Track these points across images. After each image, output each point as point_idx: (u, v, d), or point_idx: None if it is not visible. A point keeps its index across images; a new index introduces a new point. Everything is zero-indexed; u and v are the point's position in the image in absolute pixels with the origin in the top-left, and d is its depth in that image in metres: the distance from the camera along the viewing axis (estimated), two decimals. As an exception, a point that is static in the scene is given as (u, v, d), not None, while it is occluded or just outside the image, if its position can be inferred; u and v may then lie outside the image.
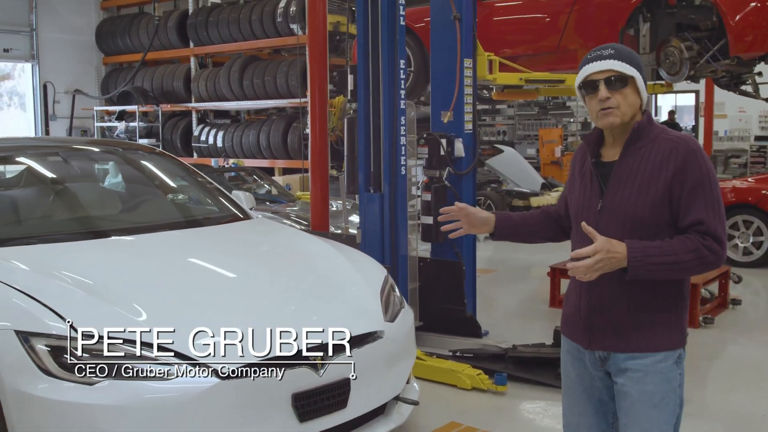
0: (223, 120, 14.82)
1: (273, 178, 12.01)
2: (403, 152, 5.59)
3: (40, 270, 3.66)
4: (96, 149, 5.54)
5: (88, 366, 3.11)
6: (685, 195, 2.42)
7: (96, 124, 15.66)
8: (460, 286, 5.85)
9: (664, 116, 21.86)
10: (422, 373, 5.16)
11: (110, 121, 15.51)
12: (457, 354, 5.45)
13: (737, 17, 5.78)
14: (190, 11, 14.27)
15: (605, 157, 2.58)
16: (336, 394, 3.48)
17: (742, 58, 5.94)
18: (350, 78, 6.02)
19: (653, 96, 19.51)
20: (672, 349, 2.52)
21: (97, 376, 3.09)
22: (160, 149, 5.82)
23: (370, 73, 5.56)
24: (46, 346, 3.14)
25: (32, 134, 15.43)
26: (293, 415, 3.32)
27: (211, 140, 13.99)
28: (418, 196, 6.15)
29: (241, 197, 5.31)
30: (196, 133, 14.37)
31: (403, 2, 5.51)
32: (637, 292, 2.49)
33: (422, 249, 6.48)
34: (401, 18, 5.50)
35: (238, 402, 3.20)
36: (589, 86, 2.48)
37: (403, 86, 5.56)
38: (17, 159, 4.92)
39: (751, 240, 8.94)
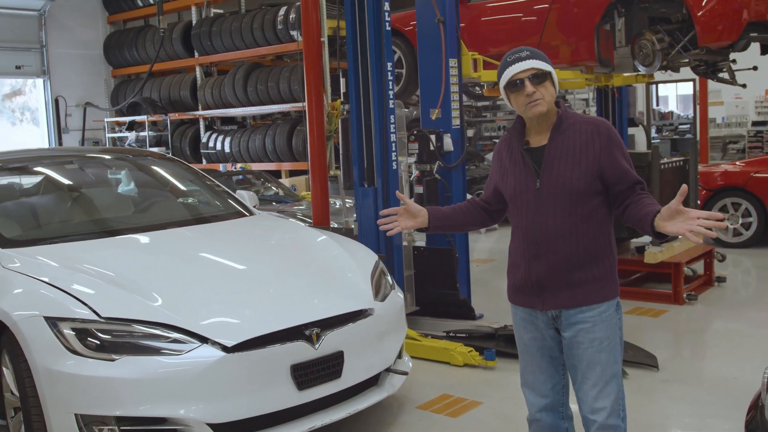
0: (230, 126, 15.23)
1: (280, 180, 12.43)
2: (393, 148, 5.97)
3: (64, 264, 4.08)
4: (108, 157, 5.96)
5: (108, 345, 3.53)
6: (616, 163, 2.88)
7: (107, 135, 16.11)
8: (452, 271, 6.23)
9: (671, 105, 22.06)
10: (417, 352, 5.56)
11: (121, 131, 15.96)
12: (451, 334, 5.82)
13: (703, 9, 6.14)
14: (194, 22, 14.69)
15: (533, 144, 3.00)
16: (331, 365, 3.88)
17: (711, 48, 6.29)
18: (342, 81, 6.40)
19: (655, 86, 19.82)
20: (612, 298, 2.97)
21: (116, 353, 3.51)
22: (163, 153, 6.22)
23: (360, 75, 5.95)
24: (72, 329, 3.56)
25: (48, 147, 15.88)
26: (292, 384, 3.72)
27: (218, 146, 14.39)
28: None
29: (245, 196, 5.73)
30: (204, 139, 14.79)
31: (388, 9, 5.89)
32: (575, 252, 2.90)
33: (418, 238, 6.87)
34: (387, 23, 5.88)
35: (243, 373, 3.60)
36: (514, 85, 2.89)
37: (391, 87, 5.95)
38: (37, 168, 5.35)
39: (740, 221, 9.27)
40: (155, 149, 14.86)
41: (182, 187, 5.67)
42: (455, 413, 4.59)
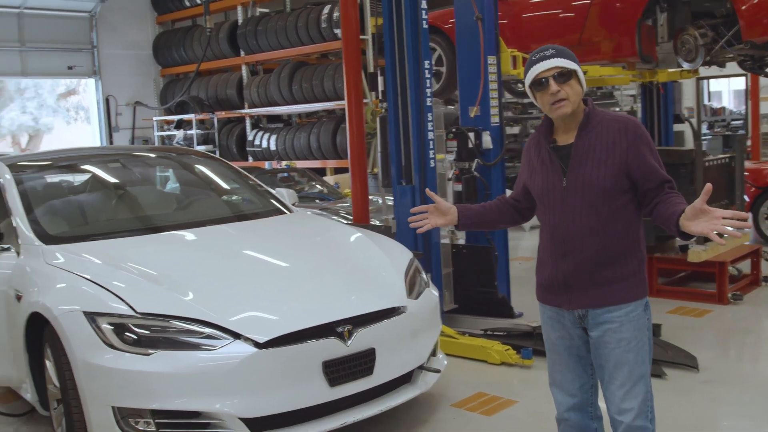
0: (276, 124, 15.38)
1: (324, 177, 12.51)
2: (431, 146, 5.97)
3: (104, 261, 4.19)
4: (152, 155, 6.09)
5: (144, 339, 3.61)
6: (644, 161, 2.84)
7: (156, 134, 16.40)
8: (491, 269, 6.21)
9: (724, 101, 21.63)
10: (454, 350, 5.56)
11: (169, 130, 16.23)
12: (488, 332, 5.81)
13: (747, 3, 6.00)
14: (240, 22, 14.86)
15: (560, 142, 2.97)
16: (363, 362, 3.90)
17: (756, 43, 6.15)
18: (380, 79, 6.42)
19: (706, 81, 19.43)
20: (640, 298, 2.93)
21: (152, 348, 3.59)
22: (207, 152, 6.33)
23: (398, 73, 5.96)
24: (110, 323, 3.65)
25: (98, 145, 16.23)
26: (324, 380, 3.75)
27: (264, 144, 14.55)
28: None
29: (284, 194, 5.79)
30: (250, 137, 14.96)
31: (425, 6, 5.89)
32: (604, 251, 2.88)
33: (460, 236, 6.86)
34: (424, 21, 5.88)
35: (275, 368, 3.65)
36: (539, 84, 2.87)
37: (429, 85, 5.95)
38: (83, 167, 5.50)
39: (790, 220, 9.05)
40: (202, 147, 15.11)
41: (223, 185, 5.77)
42: (489, 411, 4.58)
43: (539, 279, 3.10)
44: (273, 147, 14.33)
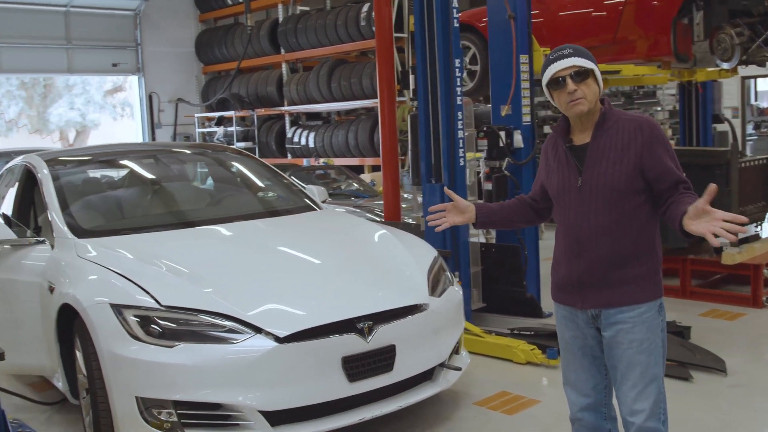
0: (315, 122, 15.49)
1: (362, 175, 12.58)
2: (461, 145, 5.98)
3: (133, 254, 4.29)
4: (187, 152, 6.20)
5: (167, 332, 3.69)
6: (659, 161, 2.82)
7: (197, 130, 16.64)
8: (519, 269, 6.20)
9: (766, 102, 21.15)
10: (480, 348, 5.57)
11: (210, 126, 16.46)
12: (515, 332, 5.80)
13: (786, 2, 5.90)
14: (280, 20, 15.00)
15: (576, 142, 2.97)
16: (382, 359, 3.94)
17: (793, 42, 6.05)
18: (411, 78, 6.44)
19: (753, 80, 19.02)
20: (654, 299, 2.91)
21: (175, 340, 3.67)
22: (239, 149, 6.42)
23: (428, 72, 5.98)
24: (135, 316, 3.74)
25: (139, 141, 16.54)
26: (343, 375, 3.80)
27: (303, 141, 14.67)
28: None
29: (314, 191, 5.85)
30: (289, 134, 15.09)
31: (456, 5, 5.89)
32: (617, 252, 2.87)
33: (490, 236, 6.86)
34: (455, 20, 5.89)
35: (294, 363, 3.70)
36: (556, 83, 2.87)
37: (459, 83, 5.96)
38: (118, 163, 5.63)
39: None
40: (242, 144, 15.30)
41: (254, 182, 5.85)
42: (511, 411, 4.59)
43: (554, 278, 3.10)
44: (311, 144, 14.43)
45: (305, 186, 6.01)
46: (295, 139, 14.86)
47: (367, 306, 3.98)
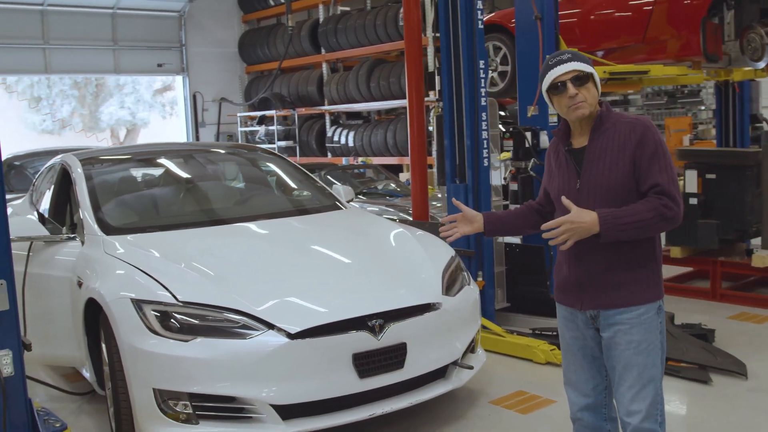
0: (355, 121, 15.63)
1: (400, 174, 12.65)
2: (485, 146, 6.01)
3: (159, 252, 4.44)
4: (217, 151, 6.35)
5: (184, 326, 3.82)
6: (644, 163, 2.84)
7: (239, 129, 16.91)
8: (543, 269, 6.21)
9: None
10: (501, 348, 5.60)
11: (252, 125, 16.71)
12: (536, 332, 5.82)
13: (817, 2, 5.80)
14: (321, 20, 15.16)
15: (576, 145, 3.01)
16: (393, 356, 4.01)
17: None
18: (437, 78, 6.50)
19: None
20: (652, 301, 2.94)
21: (191, 335, 3.79)
22: (268, 149, 6.55)
23: (453, 72, 6.03)
24: (154, 311, 3.88)
25: (183, 140, 16.87)
26: (354, 372, 3.88)
27: (342, 140, 14.82)
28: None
29: (341, 190, 5.96)
30: (329, 134, 15.25)
31: (481, 7, 5.93)
32: (616, 254, 2.90)
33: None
34: (479, 21, 5.92)
35: (305, 359, 3.80)
36: (556, 87, 2.91)
37: (483, 84, 5.99)
38: (149, 162, 5.81)
39: None
40: (283, 143, 15.51)
41: (281, 181, 5.97)
42: (526, 410, 4.62)
43: (556, 280, 3.14)
44: (351, 143, 14.56)
45: (333, 186, 6.11)
46: (335, 138, 15.01)
47: (379, 304, 4.06)
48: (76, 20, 15.21)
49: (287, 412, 3.80)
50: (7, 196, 7.53)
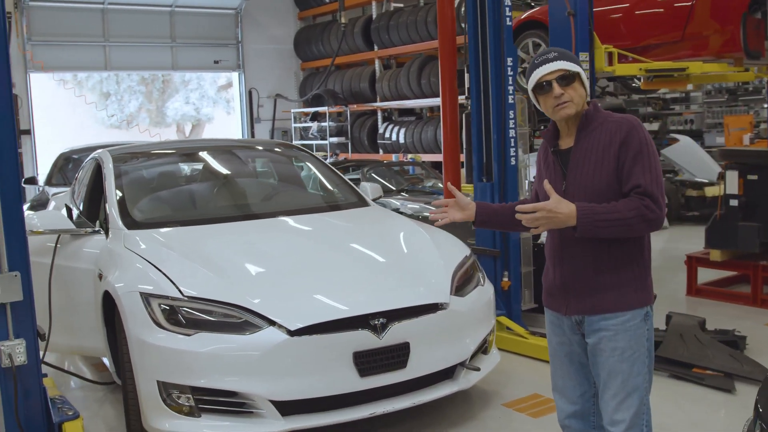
0: (408, 117, 15.62)
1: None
2: (512, 144, 5.93)
3: (173, 247, 4.52)
4: (246, 148, 6.43)
5: (187, 321, 3.89)
6: (627, 162, 2.74)
7: (293, 125, 17.08)
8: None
9: None
10: (522, 349, 5.54)
11: (305, 122, 16.85)
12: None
13: None
14: (374, 16, 15.19)
15: (563, 146, 2.93)
16: (396, 356, 3.99)
17: None
18: (467, 76, 6.44)
19: None
20: (639, 307, 2.84)
21: (193, 329, 3.86)
22: (298, 146, 6.59)
23: (480, 70, 5.97)
24: (160, 305, 3.95)
25: (239, 136, 17.13)
26: (354, 370, 3.88)
27: (394, 137, 14.84)
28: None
29: (367, 188, 5.97)
30: (381, 130, 15.29)
31: (509, 3, 5.84)
32: (602, 256, 2.81)
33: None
34: (507, 18, 5.84)
35: (304, 356, 3.82)
36: (542, 87, 2.83)
37: (511, 82, 5.91)
38: (175, 158, 5.91)
39: None
40: (335, 139, 15.61)
41: (306, 178, 6.01)
42: (537, 413, 4.55)
43: (544, 283, 3.07)
44: (401, 140, 14.57)
45: (361, 183, 6.11)
46: (386, 135, 15.04)
47: (383, 303, 4.05)
48: (136, 18, 15.59)
49: (287, 408, 3.83)
50: (61, 189, 7.80)
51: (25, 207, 10.93)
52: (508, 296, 5.99)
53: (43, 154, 15.12)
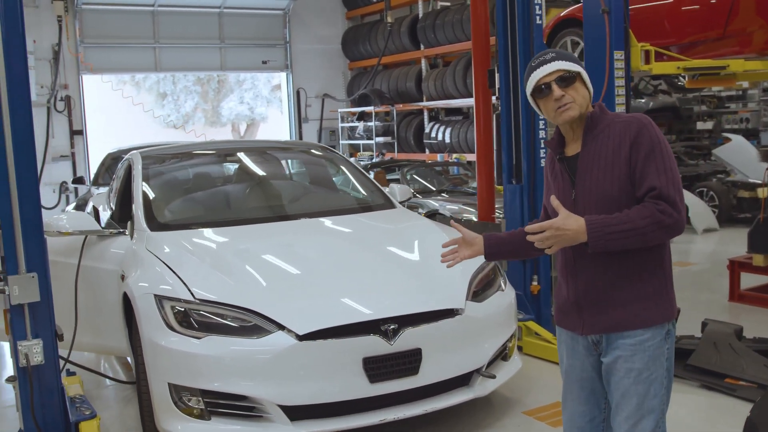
0: (456, 117, 15.50)
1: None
2: (542, 145, 5.81)
3: (193, 249, 4.54)
4: (273, 149, 6.44)
5: (198, 324, 3.89)
6: (640, 164, 2.56)
7: (339, 125, 17.11)
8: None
9: None
10: (549, 355, 5.42)
11: (352, 121, 16.86)
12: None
13: None
14: (420, 15, 15.12)
15: (569, 153, 2.75)
16: (407, 362, 3.93)
17: None
18: (497, 76, 6.33)
19: None
20: (659, 323, 2.65)
21: (203, 332, 3.86)
22: (327, 147, 6.57)
23: (510, 70, 5.85)
24: (172, 307, 3.97)
25: (286, 136, 17.24)
26: (364, 376, 3.83)
27: (440, 137, 14.74)
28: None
29: (395, 190, 5.92)
30: (427, 130, 15.20)
31: (539, 2, 5.72)
32: (618, 269, 2.62)
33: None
34: (537, 16, 5.72)
35: (314, 360, 3.79)
36: (540, 90, 2.67)
37: (541, 82, 5.77)
38: (202, 160, 5.95)
39: None
40: (381, 139, 15.58)
41: (332, 180, 5.98)
42: (557, 423, 4.42)
43: (556, 300, 2.90)
44: (447, 140, 14.46)
45: (389, 185, 6.06)
46: (432, 135, 14.95)
47: (395, 308, 3.99)
48: (185, 20, 15.81)
49: (296, 413, 3.80)
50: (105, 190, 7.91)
51: (71, 207, 11.21)
52: (538, 301, 5.86)
53: (97, 154, 15.47)
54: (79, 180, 11.55)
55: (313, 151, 6.40)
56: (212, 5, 15.91)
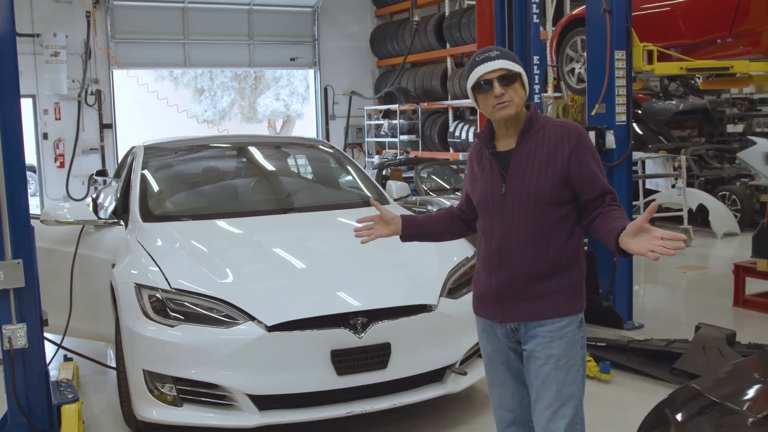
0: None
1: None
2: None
3: (177, 240, 4.63)
4: (271, 144, 6.52)
5: (171, 313, 3.98)
6: (585, 169, 2.70)
7: (366, 123, 17.18)
8: (594, 276, 5.90)
9: None
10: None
11: (377, 119, 16.92)
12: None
13: None
14: (446, 14, 15.11)
15: (500, 148, 2.84)
16: (376, 356, 3.97)
17: None
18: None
19: None
20: (575, 313, 2.79)
21: (176, 321, 3.95)
22: (327, 143, 6.63)
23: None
24: (149, 296, 4.07)
25: (314, 134, 17.36)
26: (331, 368, 3.88)
27: (464, 135, 14.72)
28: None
29: (393, 187, 5.95)
30: (451, 128, 15.19)
31: (537, 1, 5.71)
32: (541, 264, 2.75)
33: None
34: (534, 15, 5.72)
35: (281, 351, 3.85)
36: (481, 86, 2.75)
37: (537, 81, 5.78)
38: (201, 154, 6.06)
39: None
40: (405, 137, 15.61)
41: (326, 175, 6.04)
42: (532, 421, 4.43)
43: (474, 290, 3.00)
44: (471, 138, 14.44)
45: (387, 182, 6.09)
46: (456, 133, 14.94)
47: (365, 302, 4.03)
48: (214, 16, 16.00)
49: (264, 402, 3.87)
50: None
51: (88, 199, 11.44)
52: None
53: (127, 148, 15.74)
54: (102, 173, 11.80)
55: (312, 147, 6.46)
56: (242, 2, 16.07)
